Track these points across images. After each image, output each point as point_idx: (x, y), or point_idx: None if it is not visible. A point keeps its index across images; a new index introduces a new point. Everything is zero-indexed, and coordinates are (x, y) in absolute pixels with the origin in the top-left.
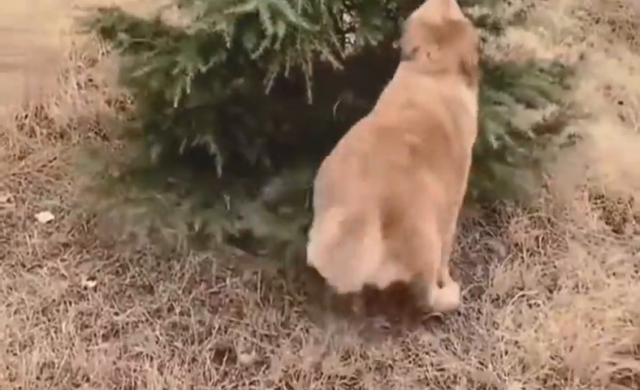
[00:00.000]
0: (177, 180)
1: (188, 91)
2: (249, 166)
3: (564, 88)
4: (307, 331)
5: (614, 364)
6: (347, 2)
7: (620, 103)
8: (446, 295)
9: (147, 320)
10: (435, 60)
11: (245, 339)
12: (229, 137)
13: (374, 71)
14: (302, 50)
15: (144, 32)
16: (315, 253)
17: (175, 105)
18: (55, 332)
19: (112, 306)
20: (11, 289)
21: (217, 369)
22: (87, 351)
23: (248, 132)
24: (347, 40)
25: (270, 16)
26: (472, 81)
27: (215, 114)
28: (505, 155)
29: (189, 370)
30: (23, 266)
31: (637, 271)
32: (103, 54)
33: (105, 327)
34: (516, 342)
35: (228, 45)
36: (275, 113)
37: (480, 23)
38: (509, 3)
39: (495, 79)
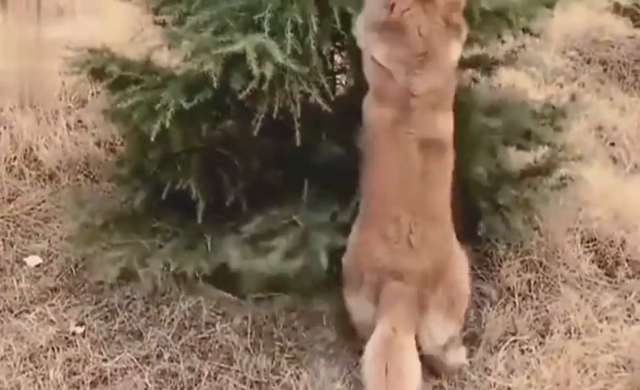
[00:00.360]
0: (161, 224)
1: (168, 126)
2: (232, 207)
3: (556, 130)
4: (297, 377)
5: None
6: (337, 43)
7: (612, 144)
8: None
9: (136, 367)
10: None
11: (235, 386)
12: (213, 179)
13: None
14: (291, 92)
15: (133, 70)
16: None
17: (153, 139)
18: (43, 379)
19: (101, 352)
20: None
21: None
22: None
23: (232, 175)
24: (337, 81)
25: (257, 57)
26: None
27: (201, 157)
28: (496, 196)
29: None
30: (11, 311)
31: (629, 316)
32: (93, 94)
33: (94, 374)
34: (509, 388)
35: (215, 85)
36: (262, 155)
37: (472, 63)
38: (503, 42)
39: (485, 117)
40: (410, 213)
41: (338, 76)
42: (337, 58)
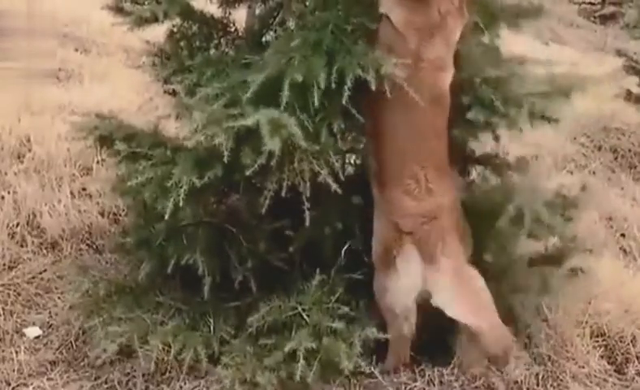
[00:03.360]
0: (165, 300)
1: (181, 204)
2: (238, 288)
3: (566, 220)
4: None
5: None
6: (347, 122)
7: (622, 236)
8: None
9: None
10: None
11: None
12: (220, 257)
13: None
14: (300, 170)
15: (141, 142)
16: None
17: (167, 217)
18: None
19: None
20: None
21: None
22: None
23: (239, 253)
24: (347, 160)
25: (271, 130)
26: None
27: (207, 231)
28: (504, 283)
29: None
30: (9, 384)
31: None
32: (98, 162)
33: None
34: None
35: (225, 159)
36: (270, 233)
37: (482, 161)
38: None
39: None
40: (423, 166)
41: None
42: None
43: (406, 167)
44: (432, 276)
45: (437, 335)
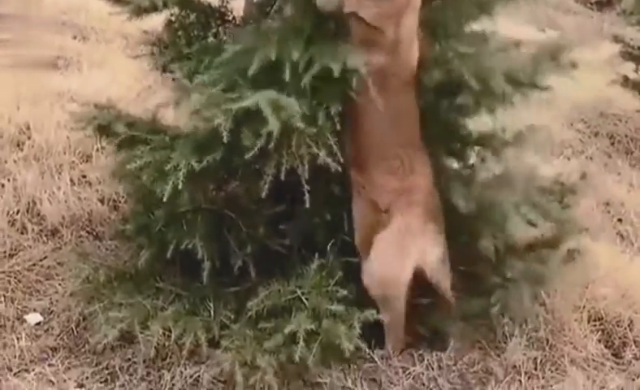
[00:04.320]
0: (165, 285)
1: (180, 187)
2: (238, 273)
3: (564, 207)
4: None
5: None
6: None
7: (619, 221)
8: None
9: None
10: None
11: None
12: (219, 242)
13: None
14: (299, 152)
15: (140, 129)
16: None
17: (165, 200)
18: None
19: None
20: None
21: None
22: None
23: (239, 238)
24: None
25: (272, 110)
26: None
27: (207, 217)
28: (502, 269)
29: None
30: (10, 370)
31: None
32: (97, 149)
33: None
34: None
35: (225, 139)
36: (269, 219)
37: (480, 142)
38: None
39: (493, 187)
40: (404, 146)
41: None
42: None
43: (389, 148)
44: (419, 252)
45: (431, 321)
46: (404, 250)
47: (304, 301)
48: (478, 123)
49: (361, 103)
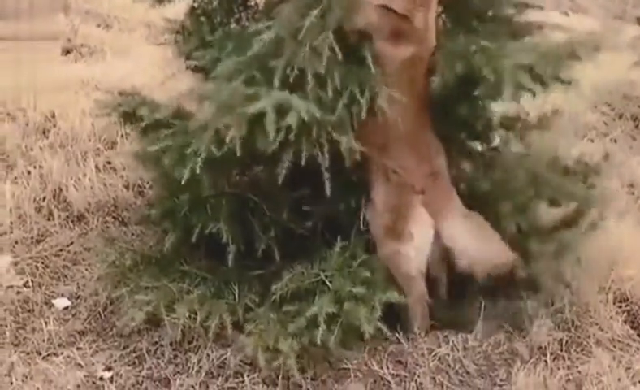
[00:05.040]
0: (190, 269)
1: (198, 172)
2: (262, 256)
3: (588, 187)
4: None
5: None
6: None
7: None
8: None
9: None
10: None
11: None
12: (244, 226)
13: None
14: (318, 141)
15: (163, 114)
16: None
17: (183, 183)
18: None
19: None
20: (27, 378)
21: None
22: None
23: (263, 221)
24: None
25: (277, 115)
26: None
27: (231, 201)
28: (527, 249)
29: None
30: (39, 353)
31: None
32: (122, 136)
33: None
34: None
35: (238, 152)
36: (292, 202)
37: (505, 124)
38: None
39: (517, 170)
40: (429, 131)
41: None
42: None
43: (419, 134)
44: (446, 231)
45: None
46: (429, 235)
47: (328, 283)
48: (503, 106)
49: (389, 93)
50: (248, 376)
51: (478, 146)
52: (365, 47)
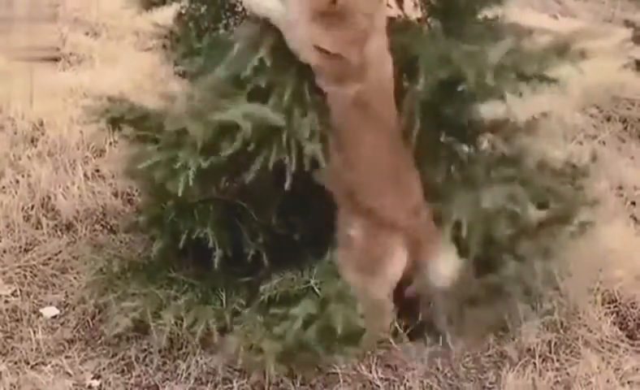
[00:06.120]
0: (177, 275)
1: (191, 184)
2: (251, 262)
3: (577, 189)
4: None
5: None
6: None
7: (633, 204)
8: None
9: None
10: None
11: None
12: (232, 231)
13: None
14: (287, 146)
15: (151, 124)
16: None
17: (180, 194)
18: None
19: None
20: (15, 387)
21: None
22: None
23: (251, 227)
24: None
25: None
26: None
27: (218, 207)
28: (515, 250)
29: None
30: (27, 363)
31: None
32: (110, 143)
33: None
34: None
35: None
36: (280, 207)
37: (492, 128)
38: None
39: (505, 175)
40: (406, 164)
41: None
42: None
43: (395, 168)
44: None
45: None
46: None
47: (317, 290)
48: (490, 109)
49: (353, 132)
50: (237, 382)
51: (465, 149)
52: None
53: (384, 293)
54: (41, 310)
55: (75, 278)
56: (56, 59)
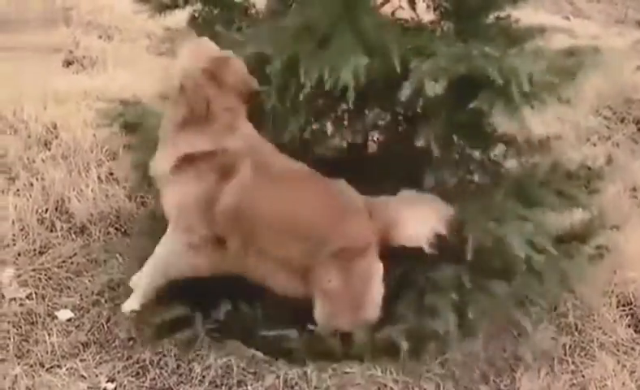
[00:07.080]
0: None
1: None
2: None
3: (591, 192)
4: None
5: None
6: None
7: None
8: None
9: None
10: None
11: None
12: None
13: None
14: None
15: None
16: None
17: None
18: None
19: None
20: None
21: None
22: None
23: None
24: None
25: None
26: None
27: None
28: (531, 261)
29: None
30: (42, 365)
31: None
32: (124, 146)
33: None
34: None
35: None
36: None
37: (504, 140)
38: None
39: (517, 192)
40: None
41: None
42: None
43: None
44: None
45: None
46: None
47: None
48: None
49: None
50: (251, 385)
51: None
52: None
53: (377, 312)
54: (55, 313)
55: (89, 281)
56: (69, 63)
